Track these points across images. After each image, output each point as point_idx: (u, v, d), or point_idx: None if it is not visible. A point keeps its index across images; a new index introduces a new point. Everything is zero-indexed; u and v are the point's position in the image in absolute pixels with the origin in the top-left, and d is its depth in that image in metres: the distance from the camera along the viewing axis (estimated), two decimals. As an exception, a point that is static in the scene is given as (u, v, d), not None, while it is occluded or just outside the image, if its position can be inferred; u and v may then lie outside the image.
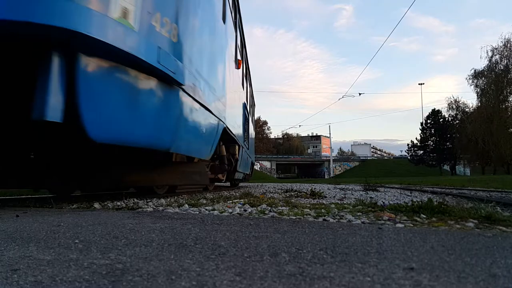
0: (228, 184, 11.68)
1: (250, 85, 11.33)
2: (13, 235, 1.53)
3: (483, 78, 38.90)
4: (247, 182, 16.66)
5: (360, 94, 36.63)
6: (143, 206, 2.89)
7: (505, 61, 37.30)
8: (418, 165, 51.78)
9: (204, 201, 3.33)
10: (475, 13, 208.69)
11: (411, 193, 6.00)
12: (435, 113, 51.34)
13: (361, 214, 2.37)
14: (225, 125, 4.85)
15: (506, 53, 37.19)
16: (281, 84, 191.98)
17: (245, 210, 2.60)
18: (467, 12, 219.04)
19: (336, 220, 2.12)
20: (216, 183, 8.85)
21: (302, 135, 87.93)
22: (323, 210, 2.54)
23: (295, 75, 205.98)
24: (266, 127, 76.80)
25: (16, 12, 1.78)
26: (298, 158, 69.20)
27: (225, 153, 6.05)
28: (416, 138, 53.17)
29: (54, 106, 1.95)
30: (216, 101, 4.31)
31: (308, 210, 2.54)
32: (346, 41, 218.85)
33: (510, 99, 37.85)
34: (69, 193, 4.80)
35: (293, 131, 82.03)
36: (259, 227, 1.75)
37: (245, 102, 9.24)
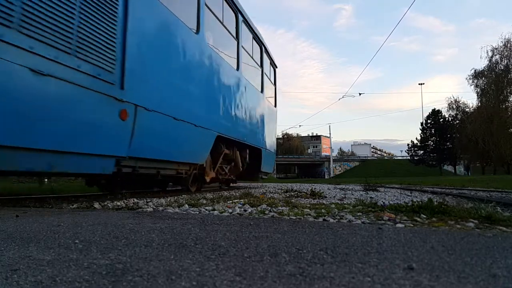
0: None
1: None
2: (13, 235, 1.53)
3: (483, 78, 38.87)
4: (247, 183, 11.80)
5: (360, 94, 36.57)
6: (143, 206, 2.89)
7: (505, 61, 37.27)
8: (418, 165, 51.74)
9: (204, 201, 3.33)
10: (475, 13, 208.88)
11: (411, 193, 6.00)
12: (435, 113, 51.30)
13: (361, 214, 2.37)
14: None
15: (506, 53, 37.15)
16: (282, 84, 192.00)
17: (245, 210, 2.60)
18: (467, 12, 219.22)
19: (336, 220, 2.12)
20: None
21: (302, 135, 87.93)
22: (323, 210, 2.54)
23: (295, 75, 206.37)
24: (266, 127, 76.56)
25: None
26: (298, 158, 69.18)
27: None
28: (416, 138, 53.13)
29: None
30: None
31: (308, 210, 2.54)
32: (346, 41, 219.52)
33: (510, 99, 37.85)
34: None
35: (293, 131, 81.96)
36: (259, 227, 1.75)
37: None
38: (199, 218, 2.08)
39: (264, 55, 8.81)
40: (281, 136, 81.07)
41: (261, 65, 8.62)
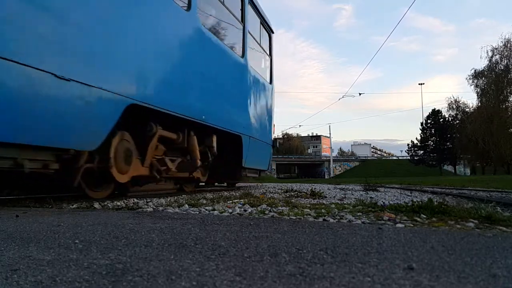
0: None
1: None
2: (13, 235, 1.53)
3: (483, 78, 38.94)
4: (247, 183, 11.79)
5: (360, 94, 36.61)
6: (143, 206, 2.89)
7: (505, 61, 37.36)
8: (418, 165, 51.78)
9: (204, 201, 3.33)
10: (475, 13, 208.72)
11: (411, 193, 6.00)
12: (435, 113, 51.37)
13: (361, 214, 2.37)
14: None
15: (506, 53, 37.24)
16: (281, 84, 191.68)
17: (245, 210, 2.60)
18: (467, 12, 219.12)
19: (336, 220, 2.12)
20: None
21: (302, 135, 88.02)
22: (323, 210, 2.54)
23: (295, 75, 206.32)
24: (266, 127, 76.45)
25: None
26: (298, 158, 69.19)
27: None
28: (416, 138, 53.24)
29: None
30: None
31: (308, 210, 2.54)
32: (346, 41, 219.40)
33: (510, 99, 37.95)
34: None
35: (293, 131, 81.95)
36: (259, 227, 1.75)
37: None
38: (199, 218, 2.08)
39: (249, 9, 6.46)
40: (281, 136, 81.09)
41: (243, 21, 6.23)
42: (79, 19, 2.90)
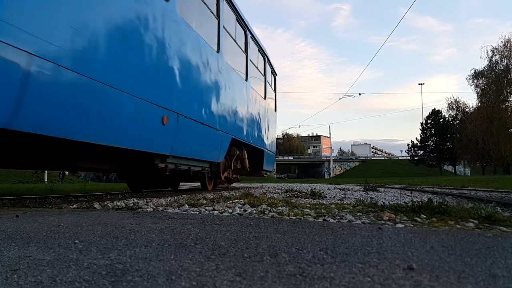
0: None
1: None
2: (13, 235, 1.53)
3: (483, 78, 38.88)
4: (247, 183, 15.37)
5: (360, 94, 36.57)
6: (143, 206, 2.89)
7: (505, 61, 37.28)
8: (418, 165, 51.77)
9: (204, 201, 3.33)
10: (472, 13, 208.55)
11: (411, 193, 5.99)
12: (435, 113, 51.34)
13: (361, 214, 2.37)
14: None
15: (506, 53, 37.16)
16: (281, 84, 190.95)
17: (245, 211, 2.60)
18: (465, 12, 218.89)
19: (336, 220, 2.12)
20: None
21: (302, 135, 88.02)
22: (323, 210, 2.54)
23: (294, 75, 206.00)
24: (266, 127, 76.46)
25: None
26: (298, 158, 69.19)
27: None
28: (416, 138, 53.19)
29: None
30: None
31: (308, 210, 2.54)
32: (344, 41, 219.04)
33: (510, 99, 37.88)
34: None
35: (293, 131, 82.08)
36: (259, 227, 1.75)
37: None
38: (199, 218, 2.08)
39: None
40: (281, 136, 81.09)
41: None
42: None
